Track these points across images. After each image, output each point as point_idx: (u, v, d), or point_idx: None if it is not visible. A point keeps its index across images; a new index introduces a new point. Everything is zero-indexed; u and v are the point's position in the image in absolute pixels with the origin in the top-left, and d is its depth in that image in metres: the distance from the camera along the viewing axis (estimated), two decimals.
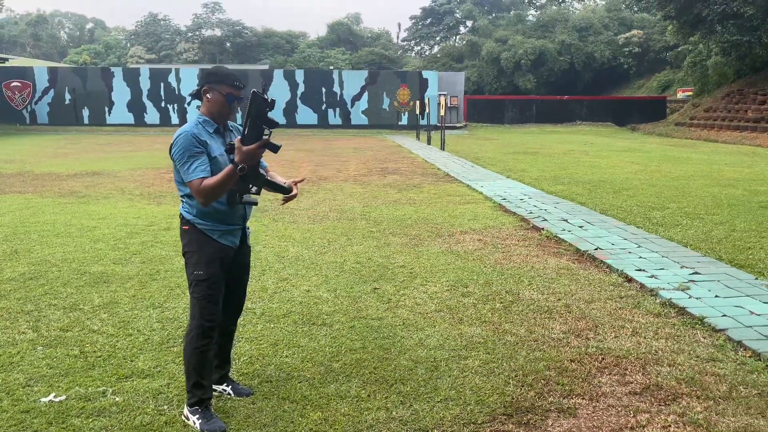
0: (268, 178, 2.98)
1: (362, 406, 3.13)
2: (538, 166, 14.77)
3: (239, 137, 2.71)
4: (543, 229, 7.25)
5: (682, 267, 5.50)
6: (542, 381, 3.40)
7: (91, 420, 3.00)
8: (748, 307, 4.43)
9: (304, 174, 13.41)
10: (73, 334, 4.09)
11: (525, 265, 5.78)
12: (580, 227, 7.33)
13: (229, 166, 2.71)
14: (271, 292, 5.00)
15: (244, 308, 3.41)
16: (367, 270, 5.65)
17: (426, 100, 23.33)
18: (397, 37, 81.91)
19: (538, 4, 77.17)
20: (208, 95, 2.90)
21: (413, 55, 77.37)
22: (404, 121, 33.19)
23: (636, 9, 70.51)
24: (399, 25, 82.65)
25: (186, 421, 2.99)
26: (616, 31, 62.40)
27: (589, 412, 3.08)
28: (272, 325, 4.28)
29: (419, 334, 4.09)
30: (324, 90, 33.44)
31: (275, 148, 2.76)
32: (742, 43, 27.98)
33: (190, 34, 72.05)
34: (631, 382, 3.38)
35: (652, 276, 5.24)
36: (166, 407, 3.14)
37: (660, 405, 3.13)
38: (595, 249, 6.22)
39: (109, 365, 3.63)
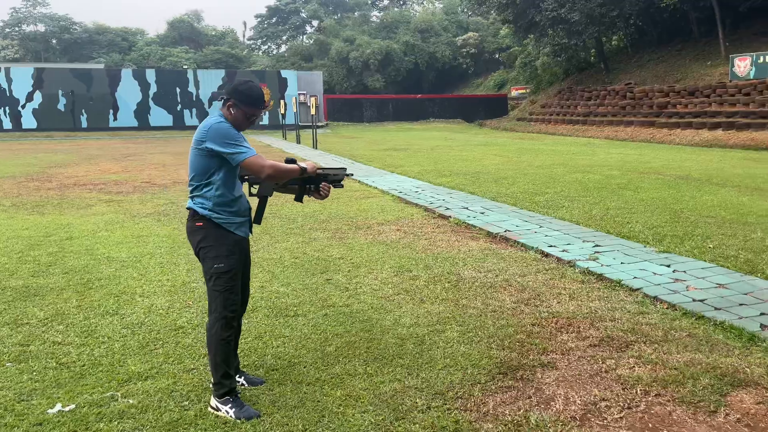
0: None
1: (375, 380, 3.40)
2: (414, 161, 15.57)
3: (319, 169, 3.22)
4: (450, 217, 7.86)
5: (584, 241, 6.35)
6: (517, 343, 3.89)
7: (116, 423, 2.98)
8: (650, 269, 5.29)
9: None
10: (38, 348, 3.89)
11: (452, 249, 6.31)
12: (482, 213, 8.04)
13: (297, 168, 3.12)
14: None
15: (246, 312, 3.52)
16: (308, 264, 5.84)
17: (293, 100, 23.39)
18: (243, 36, 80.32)
19: (380, 5, 79.52)
20: (231, 110, 3.05)
21: (261, 54, 76.23)
22: (265, 120, 32.87)
23: (470, 13, 75.46)
24: (245, 23, 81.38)
25: (216, 412, 3.06)
26: (454, 33, 66.42)
27: (565, 364, 3.61)
28: (246, 321, 4.34)
29: (391, 315, 4.42)
30: (179, 90, 32.12)
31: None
32: (570, 45, 31.28)
33: (8, 30, 65.02)
34: (588, 337, 3.97)
35: (563, 250, 6.00)
36: (186, 403, 3.18)
37: (617, 352, 3.74)
38: (505, 231, 6.91)
39: (99, 372, 3.54)
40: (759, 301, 4.45)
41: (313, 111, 20.09)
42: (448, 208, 8.42)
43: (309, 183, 3.31)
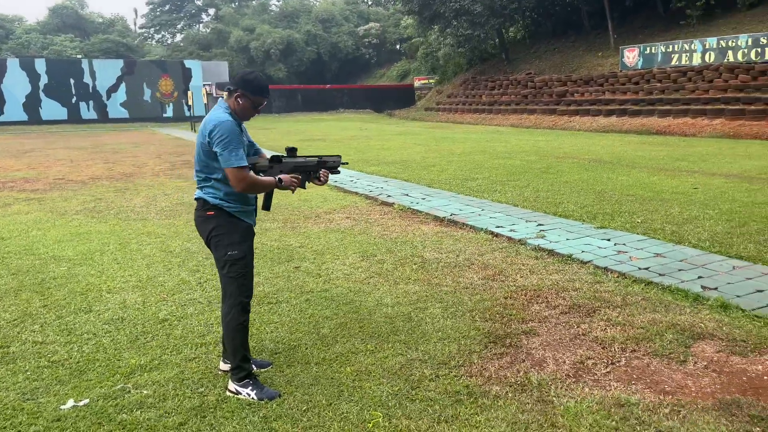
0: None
1: (379, 356, 3.59)
2: (337, 151, 15.69)
3: (292, 175, 3.29)
4: (394, 203, 8.11)
5: (527, 221, 6.80)
6: (497, 315, 4.20)
7: (139, 412, 2.98)
8: (594, 244, 5.79)
9: (99, 172, 12.50)
10: (20, 349, 3.76)
11: (406, 233, 6.56)
12: (423, 199, 8.36)
13: (273, 180, 3.19)
14: (195, 284, 5.01)
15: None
16: (271, 253, 5.89)
17: (203, 90, 22.72)
18: (135, 24, 76.45)
19: None
20: (239, 100, 3.10)
21: (154, 43, 72.97)
22: (169, 113, 31.67)
23: (371, 3, 75.90)
24: (135, 11, 78.02)
25: (236, 395, 3.14)
26: (356, 23, 66.69)
27: (545, 330, 3.96)
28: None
29: (371, 296, 4.60)
30: (73, 81, 30.23)
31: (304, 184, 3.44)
32: (473, 36, 32.36)
33: None
34: (558, 306, 4.35)
35: (511, 230, 6.41)
36: (203, 389, 3.23)
37: (587, 317, 4.14)
38: (451, 215, 7.25)
39: (98, 368, 3.49)
40: (694, 266, 5.02)
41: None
42: (389, 195, 8.67)
43: (310, 170, 3.44)
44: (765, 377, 3.23)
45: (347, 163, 3.89)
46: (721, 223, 6.45)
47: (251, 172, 3.10)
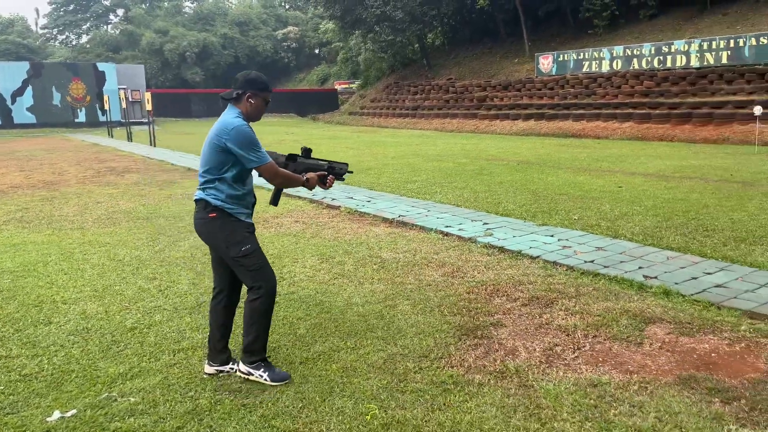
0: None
1: (361, 352, 3.70)
2: None
3: (316, 173, 3.47)
4: (340, 206, 8.21)
5: (473, 221, 7.08)
6: (464, 309, 4.40)
7: (132, 420, 2.95)
8: (539, 240, 6.13)
9: (17, 181, 11.86)
10: None
11: (360, 235, 6.68)
12: (368, 201, 8.50)
13: (302, 178, 3.40)
14: (156, 291, 4.93)
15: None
16: None
17: (121, 94, 21.87)
18: (36, 25, 72.26)
19: None
20: (251, 101, 3.23)
21: (57, 44, 69.23)
22: (82, 117, 30.21)
23: (288, 6, 75.32)
24: (37, 10, 73.16)
25: (248, 377, 3.31)
26: (274, 27, 66.05)
27: (510, 321, 4.20)
28: (200, 316, 4.37)
29: (340, 297, 4.70)
30: None
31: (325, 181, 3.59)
32: (395, 42, 32.90)
33: None
34: (518, 299, 4.61)
35: (460, 229, 6.67)
36: (193, 394, 3.22)
37: (547, 307, 4.42)
38: (399, 216, 7.44)
39: (76, 378, 3.41)
40: (633, 258, 5.44)
41: (149, 107, 19.03)
42: (334, 199, 8.75)
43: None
44: (713, 354, 3.59)
45: (352, 172, 4.00)
46: (649, 218, 6.98)
47: (274, 164, 3.24)
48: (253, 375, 3.30)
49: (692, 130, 18.12)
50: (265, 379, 3.27)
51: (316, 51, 67.63)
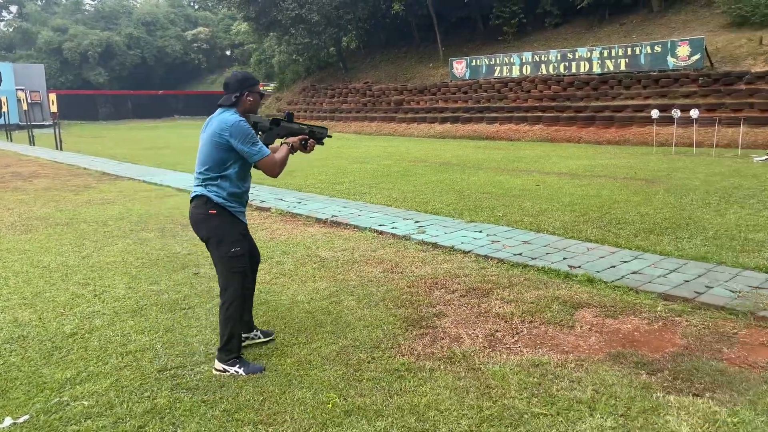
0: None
1: (314, 347, 3.78)
2: (188, 158, 15.20)
3: (298, 138, 3.69)
4: (270, 208, 8.21)
5: (404, 219, 7.30)
6: (406, 302, 4.58)
7: (90, 422, 2.92)
8: (469, 236, 6.43)
9: None
10: None
11: (295, 235, 6.74)
12: (299, 203, 8.55)
13: (288, 149, 3.57)
14: (91, 297, 4.80)
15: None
16: (161, 262, 5.76)
17: (22, 96, 20.63)
18: None
19: None
20: (249, 98, 3.45)
21: None
22: None
23: (198, 6, 73.37)
24: None
25: (224, 373, 3.39)
26: (183, 27, 64.16)
27: (452, 311, 4.42)
28: (163, 316, 4.31)
29: (284, 295, 4.76)
30: None
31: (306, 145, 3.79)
32: (311, 45, 32.85)
33: None
34: (456, 290, 4.84)
35: (393, 228, 6.86)
36: (148, 394, 3.21)
37: (484, 297, 4.67)
38: (332, 217, 7.54)
39: (22, 385, 3.31)
40: (557, 249, 5.82)
41: (54, 108, 18.07)
42: (263, 201, 8.73)
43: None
44: (635, 333, 3.95)
45: (331, 136, 4.18)
46: (567, 213, 7.46)
47: (271, 154, 3.43)
48: (228, 372, 3.38)
49: (596, 132, 19.29)
50: (241, 374, 3.36)
51: (228, 52, 66.28)
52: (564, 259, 5.52)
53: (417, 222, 7.15)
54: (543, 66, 23.67)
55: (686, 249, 5.71)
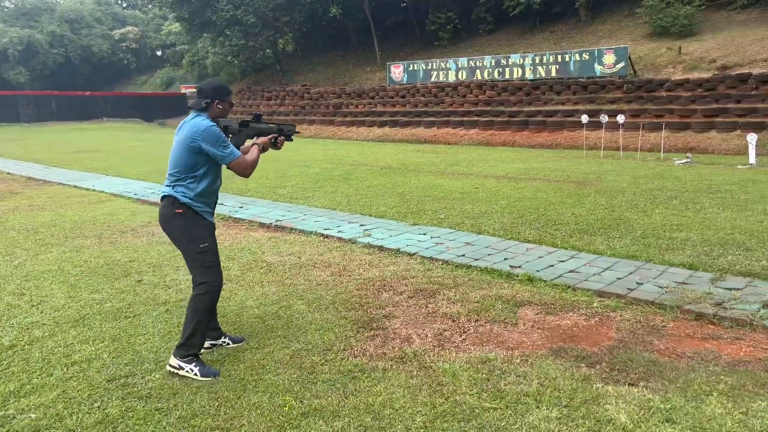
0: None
1: (266, 351, 3.80)
2: (121, 162, 14.76)
3: (267, 137, 3.85)
4: None
5: (349, 223, 7.37)
6: (356, 305, 4.65)
7: None
8: (414, 238, 6.56)
9: None
10: None
11: (239, 240, 6.69)
12: (241, 207, 8.48)
13: (258, 149, 3.72)
14: (28, 307, 4.64)
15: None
16: (100, 270, 5.62)
17: None
18: None
19: None
20: (219, 106, 3.58)
21: None
22: None
23: (126, 5, 71.02)
24: None
25: (178, 371, 3.41)
26: (110, 26, 61.99)
27: (400, 312, 4.52)
28: (107, 325, 4.21)
29: (233, 301, 4.74)
30: None
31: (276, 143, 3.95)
32: (247, 46, 32.44)
33: None
34: (403, 292, 4.95)
35: (339, 231, 6.92)
36: (98, 404, 3.16)
37: (431, 298, 4.80)
38: (276, 221, 7.53)
39: None
40: (498, 250, 6.04)
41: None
42: None
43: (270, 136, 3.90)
44: (574, 328, 4.17)
45: (299, 132, 4.28)
46: (506, 215, 7.72)
47: (242, 156, 3.56)
48: (183, 369, 3.41)
49: (530, 136, 19.94)
50: (195, 374, 3.39)
51: (159, 53, 64.47)
52: (505, 259, 5.73)
53: (362, 225, 7.24)
54: (478, 71, 24.26)
55: (617, 248, 6.04)
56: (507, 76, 23.38)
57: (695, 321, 4.25)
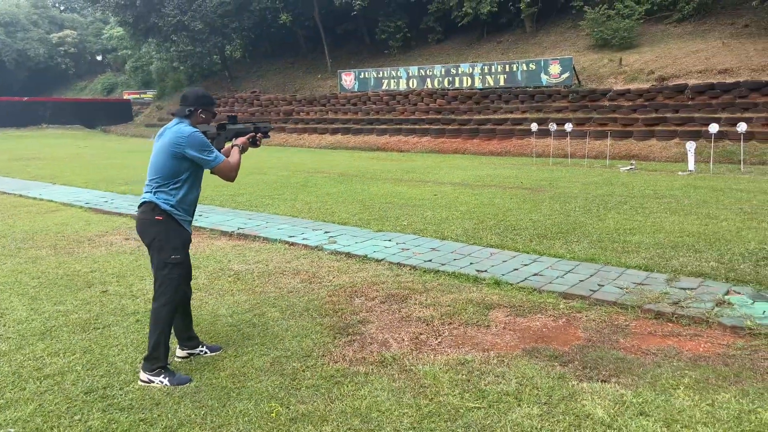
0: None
1: (245, 359, 3.79)
2: (67, 170, 14.30)
3: (246, 137, 3.89)
4: None
5: (313, 230, 7.38)
6: (330, 311, 4.68)
7: None
8: (380, 245, 6.63)
9: None
10: None
11: (203, 249, 6.61)
12: (200, 216, 8.36)
13: (239, 151, 3.75)
14: None
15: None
16: (61, 281, 5.46)
17: None
18: None
19: None
20: (202, 115, 3.61)
21: None
22: None
23: (63, 8, 68.71)
24: None
25: (149, 384, 3.37)
26: (47, 29, 59.90)
27: (375, 317, 4.58)
28: (76, 337, 4.10)
29: (205, 310, 4.70)
30: None
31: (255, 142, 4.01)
32: (194, 52, 31.91)
33: None
34: (376, 297, 5.01)
35: (304, 239, 6.92)
36: (79, 416, 3.09)
37: (403, 303, 4.88)
38: (238, 229, 7.47)
39: None
40: (463, 255, 6.17)
41: None
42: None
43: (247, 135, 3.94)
44: (544, 329, 4.32)
45: (273, 128, 4.25)
46: (466, 221, 7.89)
47: (226, 160, 3.59)
48: (153, 382, 3.37)
49: (480, 144, 20.36)
50: (166, 384, 3.36)
51: (99, 58, 62.65)
52: (471, 264, 5.87)
53: (327, 232, 7.26)
54: (428, 80, 24.61)
55: (576, 251, 6.27)
56: (457, 85, 23.81)
57: (655, 319, 4.47)
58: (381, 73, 26.16)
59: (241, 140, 3.85)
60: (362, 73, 26.71)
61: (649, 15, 24.17)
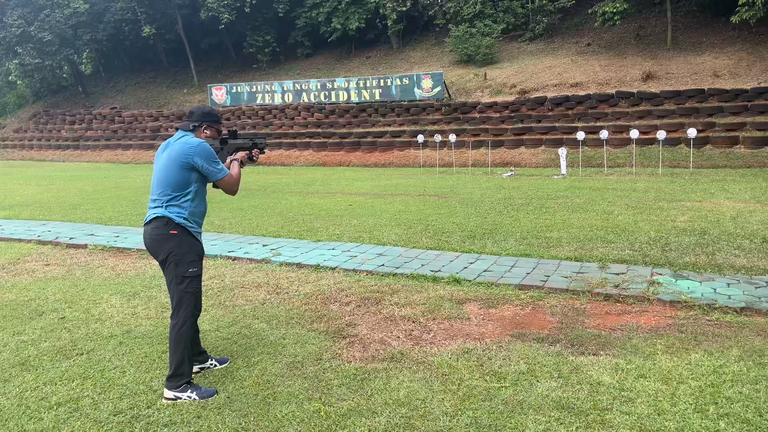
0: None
1: (259, 367, 3.80)
2: None
3: (244, 153, 3.86)
4: (87, 245, 7.49)
5: (250, 243, 7.31)
6: (315, 318, 4.78)
7: None
8: (327, 254, 6.75)
9: None
10: None
11: (144, 270, 6.33)
12: (117, 237, 7.92)
13: (238, 165, 3.78)
14: None
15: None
16: (4, 311, 5.02)
17: None
18: None
19: None
20: (206, 131, 3.65)
21: None
22: None
23: None
24: None
25: (176, 401, 3.32)
26: None
27: (360, 320, 4.74)
28: (64, 365, 3.83)
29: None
30: None
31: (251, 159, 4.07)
32: (43, 66, 29.44)
33: None
34: (350, 302, 5.17)
35: (246, 253, 6.85)
36: None
37: (379, 304, 5.08)
38: None
39: None
40: (411, 258, 6.49)
41: None
42: (71, 237, 7.89)
43: (246, 149, 4.01)
44: (517, 317, 4.75)
45: (268, 144, 4.27)
46: (395, 227, 8.23)
47: (230, 173, 3.62)
48: (181, 398, 3.34)
49: (363, 156, 20.89)
50: (194, 399, 3.35)
51: None
52: (422, 265, 6.20)
53: (265, 246, 7.24)
54: (304, 94, 24.79)
55: (508, 249, 6.84)
56: (333, 99, 24.23)
57: (605, 301, 5.08)
58: (254, 87, 25.90)
59: (241, 155, 3.89)
60: (234, 87, 26.27)
61: (505, 33, 26.27)
